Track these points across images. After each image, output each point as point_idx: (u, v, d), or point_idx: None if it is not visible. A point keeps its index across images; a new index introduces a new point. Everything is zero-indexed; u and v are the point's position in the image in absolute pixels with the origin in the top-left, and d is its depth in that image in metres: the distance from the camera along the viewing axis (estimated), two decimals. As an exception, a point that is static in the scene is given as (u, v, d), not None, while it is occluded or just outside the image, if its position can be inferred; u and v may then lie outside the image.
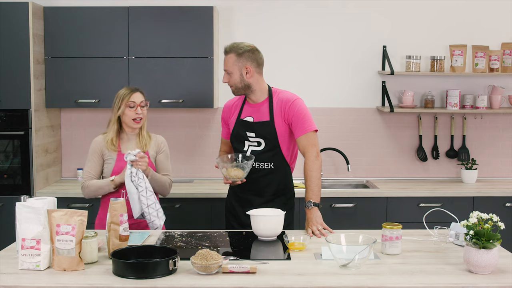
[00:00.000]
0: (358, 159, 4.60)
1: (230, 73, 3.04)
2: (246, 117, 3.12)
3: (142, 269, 2.17)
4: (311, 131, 3.02)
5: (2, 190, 4.06)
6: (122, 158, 3.09)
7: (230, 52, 3.04)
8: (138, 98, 3.16)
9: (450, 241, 2.68)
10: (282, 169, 3.12)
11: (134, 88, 3.20)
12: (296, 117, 3.02)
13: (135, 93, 3.16)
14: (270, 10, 4.52)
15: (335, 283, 2.14)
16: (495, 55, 4.36)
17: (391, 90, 4.57)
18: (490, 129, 4.62)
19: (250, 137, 3.10)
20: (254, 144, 3.10)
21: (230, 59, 3.03)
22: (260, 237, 2.73)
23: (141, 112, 3.15)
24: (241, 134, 3.12)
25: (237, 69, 3.03)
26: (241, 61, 3.02)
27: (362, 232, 2.58)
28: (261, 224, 2.70)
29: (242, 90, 3.08)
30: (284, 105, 3.05)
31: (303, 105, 3.06)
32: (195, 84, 4.20)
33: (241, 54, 3.02)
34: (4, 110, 4.03)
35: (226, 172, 2.97)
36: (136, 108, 3.13)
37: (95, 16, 4.15)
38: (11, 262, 2.36)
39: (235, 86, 3.07)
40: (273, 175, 3.10)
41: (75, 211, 2.30)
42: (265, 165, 3.08)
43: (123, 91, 3.18)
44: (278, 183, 3.11)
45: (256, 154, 3.06)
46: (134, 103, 3.13)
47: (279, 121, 3.05)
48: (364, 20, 4.54)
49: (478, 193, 4.11)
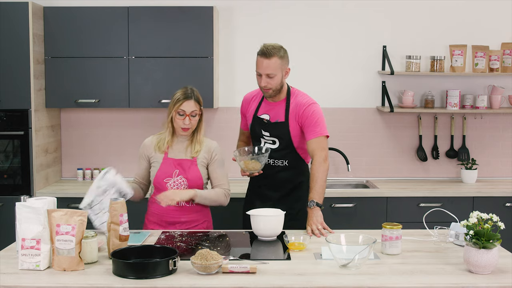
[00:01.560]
0: (358, 159, 4.60)
1: (273, 77, 3.05)
2: (262, 114, 3.19)
3: (142, 269, 2.17)
4: (322, 136, 3.09)
5: (2, 190, 4.06)
6: (168, 161, 3.03)
7: (273, 56, 3.01)
8: (190, 107, 2.98)
9: (450, 241, 2.68)
10: (297, 166, 3.21)
11: (189, 94, 3.01)
12: (309, 121, 3.08)
13: (187, 102, 2.98)
14: (270, 10, 4.52)
15: (335, 283, 2.14)
16: (495, 55, 4.36)
17: (391, 90, 4.57)
18: (490, 129, 4.62)
19: (265, 135, 3.18)
20: (270, 142, 3.19)
21: (274, 63, 3.02)
22: (260, 237, 2.73)
23: (189, 122, 2.98)
24: (257, 132, 3.21)
25: (280, 72, 3.06)
26: (283, 63, 3.07)
27: (362, 232, 2.58)
28: (261, 224, 2.70)
29: (277, 92, 3.12)
30: (299, 108, 3.11)
31: (318, 110, 3.12)
32: (195, 84, 4.16)
33: (282, 57, 3.05)
34: (4, 110, 4.03)
35: (243, 165, 3.05)
36: (185, 117, 2.98)
37: (95, 16, 4.15)
38: (11, 262, 2.36)
39: (274, 89, 3.09)
40: (288, 172, 3.19)
41: (75, 211, 2.30)
42: (280, 162, 3.18)
43: (178, 95, 3.01)
44: (293, 178, 3.21)
45: (271, 151, 3.14)
46: (184, 112, 2.98)
47: (293, 122, 3.12)
48: (364, 20, 4.54)
49: (478, 193, 4.11)
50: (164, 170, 3.03)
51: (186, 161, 3.03)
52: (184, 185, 3.01)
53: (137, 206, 3.96)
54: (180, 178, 3.01)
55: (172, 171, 3.01)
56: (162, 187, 3.02)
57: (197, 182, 3.03)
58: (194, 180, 3.02)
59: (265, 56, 3.02)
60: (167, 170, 3.02)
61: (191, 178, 3.01)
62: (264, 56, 3.02)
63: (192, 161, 3.03)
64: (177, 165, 3.02)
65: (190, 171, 3.02)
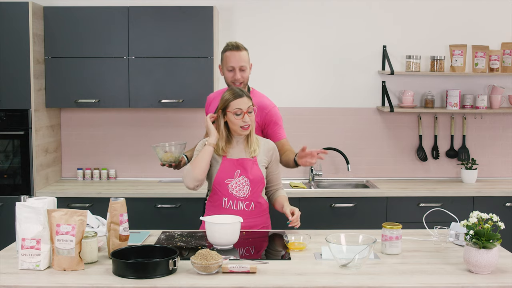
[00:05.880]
0: (358, 159, 4.60)
1: (245, 69, 3.12)
2: None
3: (142, 269, 2.17)
4: (285, 139, 3.16)
5: (2, 190, 4.06)
6: (227, 162, 2.86)
7: (242, 49, 3.12)
8: (245, 104, 2.82)
9: (450, 241, 2.68)
10: None
11: (239, 92, 2.85)
12: (274, 122, 3.14)
13: (240, 99, 2.82)
14: (270, 10, 4.52)
15: (335, 283, 2.14)
16: (495, 55, 4.36)
17: (391, 90, 4.57)
18: (490, 129, 4.62)
19: None
20: None
21: (245, 56, 3.12)
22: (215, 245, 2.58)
23: (249, 119, 2.82)
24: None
25: (248, 66, 3.15)
26: (249, 57, 3.15)
27: (362, 232, 2.58)
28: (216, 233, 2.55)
29: (245, 87, 3.16)
30: (263, 108, 3.12)
31: (279, 114, 3.19)
32: (195, 84, 4.20)
33: (247, 50, 3.15)
34: (4, 110, 4.03)
35: (160, 156, 3.09)
36: (243, 115, 2.81)
37: (95, 16, 4.15)
38: (11, 262, 2.36)
39: (245, 83, 3.16)
40: None
41: (75, 211, 2.30)
42: None
43: (227, 95, 2.85)
44: None
45: None
46: (241, 110, 2.81)
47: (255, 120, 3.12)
48: (364, 20, 4.54)
49: (478, 193, 4.11)
50: (225, 169, 2.86)
51: (247, 161, 2.87)
52: (247, 186, 2.86)
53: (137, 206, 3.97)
54: (242, 179, 2.85)
55: (234, 172, 2.85)
56: (222, 189, 2.86)
57: (259, 182, 2.88)
58: (256, 180, 2.86)
59: (237, 49, 3.10)
60: (228, 170, 2.86)
61: (253, 179, 2.86)
62: (236, 49, 3.10)
63: (253, 160, 2.87)
64: (238, 165, 2.86)
65: (252, 170, 2.86)
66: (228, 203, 2.85)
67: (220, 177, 2.86)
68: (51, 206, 2.38)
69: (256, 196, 2.88)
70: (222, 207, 2.86)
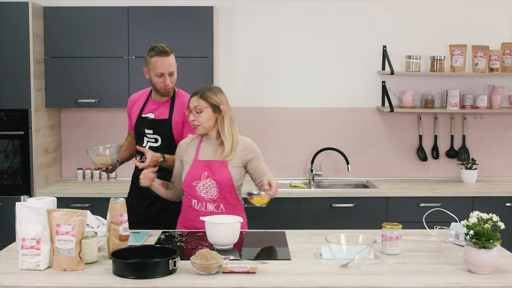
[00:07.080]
0: (358, 159, 4.60)
1: (173, 74, 3.13)
2: (147, 113, 3.20)
3: (142, 269, 2.17)
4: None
5: (2, 190, 4.06)
6: (196, 164, 2.86)
7: (170, 53, 3.09)
8: (192, 102, 2.86)
9: (450, 241, 2.68)
10: None
11: (194, 91, 2.89)
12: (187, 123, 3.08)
13: (192, 98, 2.87)
14: (270, 10, 4.52)
15: (335, 283, 2.14)
16: (495, 55, 4.36)
17: (391, 90, 4.57)
18: (490, 129, 4.62)
19: (148, 134, 3.18)
20: (152, 141, 3.19)
21: (173, 60, 3.11)
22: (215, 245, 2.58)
23: (195, 118, 2.83)
24: (141, 131, 3.21)
25: (175, 68, 3.14)
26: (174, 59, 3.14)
27: (362, 232, 2.58)
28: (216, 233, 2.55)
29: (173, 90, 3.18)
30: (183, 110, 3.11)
31: None
32: (195, 84, 4.18)
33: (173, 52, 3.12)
34: (4, 110, 4.03)
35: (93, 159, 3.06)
36: (189, 114, 2.86)
37: (95, 16, 4.15)
38: (11, 262, 2.36)
39: (173, 87, 3.18)
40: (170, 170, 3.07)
41: (75, 211, 2.30)
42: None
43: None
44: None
45: (154, 149, 3.09)
46: (188, 108, 2.88)
47: (177, 120, 3.13)
48: (364, 20, 4.54)
49: (478, 193, 4.11)
50: (194, 173, 2.86)
51: (215, 163, 2.85)
52: (214, 188, 2.84)
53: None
54: (209, 181, 2.84)
55: (201, 174, 2.85)
56: (191, 191, 2.87)
57: (227, 184, 2.84)
58: (223, 182, 2.83)
59: (165, 54, 3.06)
60: (196, 173, 2.85)
61: (220, 181, 2.83)
62: (164, 54, 3.06)
63: (222, 162, 2.84)
64: (206, 167, 2.85)
65: (219, 172, 2.84)
66: (198, 204, 2.87)
67: (188, 179, 2.87)
68: (51, 206, 2.38)
69: (226, 197, 2.87)
70: (193, 208, 2.89)
